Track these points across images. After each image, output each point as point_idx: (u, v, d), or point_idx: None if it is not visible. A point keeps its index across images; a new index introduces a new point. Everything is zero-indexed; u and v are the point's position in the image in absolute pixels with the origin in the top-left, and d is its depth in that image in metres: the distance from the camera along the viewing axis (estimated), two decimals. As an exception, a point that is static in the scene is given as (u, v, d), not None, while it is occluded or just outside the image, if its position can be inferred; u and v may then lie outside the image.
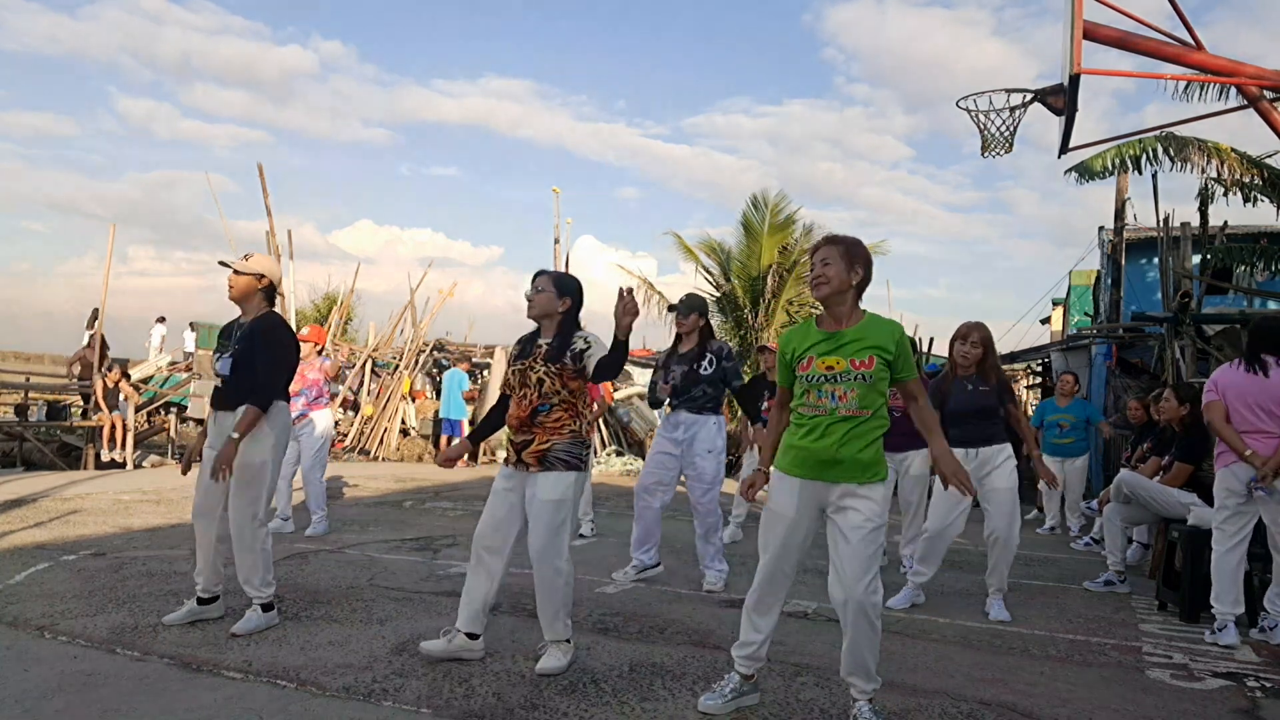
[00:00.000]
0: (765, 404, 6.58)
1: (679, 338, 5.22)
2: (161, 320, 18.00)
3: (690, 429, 5.07)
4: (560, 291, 3.54)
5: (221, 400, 3.90)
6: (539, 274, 3.63)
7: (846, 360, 2.89)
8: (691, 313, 5.15)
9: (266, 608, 3.86)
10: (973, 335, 4.71)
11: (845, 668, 2.98)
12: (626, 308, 3.22)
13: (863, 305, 3.06)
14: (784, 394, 3.13)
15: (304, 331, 6.58)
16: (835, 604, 2.95)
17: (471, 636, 3.49)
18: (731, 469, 11.61)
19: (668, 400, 5.15)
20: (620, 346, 3.33)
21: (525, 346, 3.59)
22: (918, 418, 3.10)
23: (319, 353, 6.60)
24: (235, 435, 3.72)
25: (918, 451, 5.51)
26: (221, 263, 3.95)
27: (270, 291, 3.98)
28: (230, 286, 3.91)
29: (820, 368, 2.92)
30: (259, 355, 3.83)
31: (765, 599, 3.07)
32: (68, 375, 11.78)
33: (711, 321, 5.21)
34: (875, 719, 2.93)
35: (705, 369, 5.05)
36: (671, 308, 5.30)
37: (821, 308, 3.09)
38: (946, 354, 5.01)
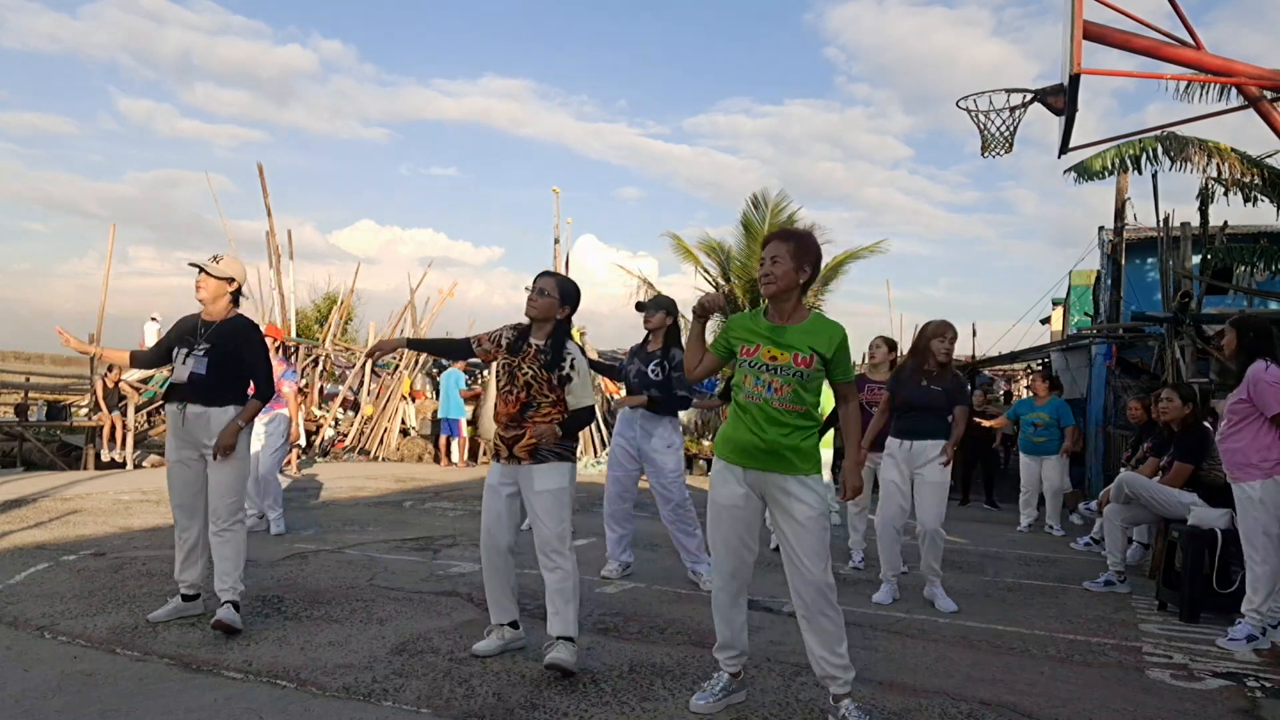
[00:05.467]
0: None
1: (647, 336, 5.27)
2: (155, 319, 18.00)
3: (646, 425, 5.13)
4: (563, 299, 3.61)
5: (197, 396, 3.89)
6: (545, 274, 3.68)
7: (790, 355, 2.96)
8: (659, 310, 5.19)
9: (235, 607, 3.83)
10: (950, 333, 4.87)
11: (820, 665, 2.98)
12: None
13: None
14: (710, 359, 3.13)
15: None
16: (794, 592, 2.99)
17: (513, 626, 3.63)
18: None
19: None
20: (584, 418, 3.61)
21: (515, 342, 3.62)
22: (844, 418, 3.17)
23: (278, 350, 6.69)
24: (240, 422, 3.89)
25: None
26: (192, 263, 4.02)
27: (237, 294, 4.10)
28: (200, 287, 3.99)
29: (765, 356, 2.99)
30: (253, 357, 4.00)
31: (732, 594, 3.09)
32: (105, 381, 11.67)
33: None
34: (861, 715, 2.93)
35: (655, 372, 5.08)
36: (639, 306, 5.29)
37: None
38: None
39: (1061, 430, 8.39)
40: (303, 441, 11.64)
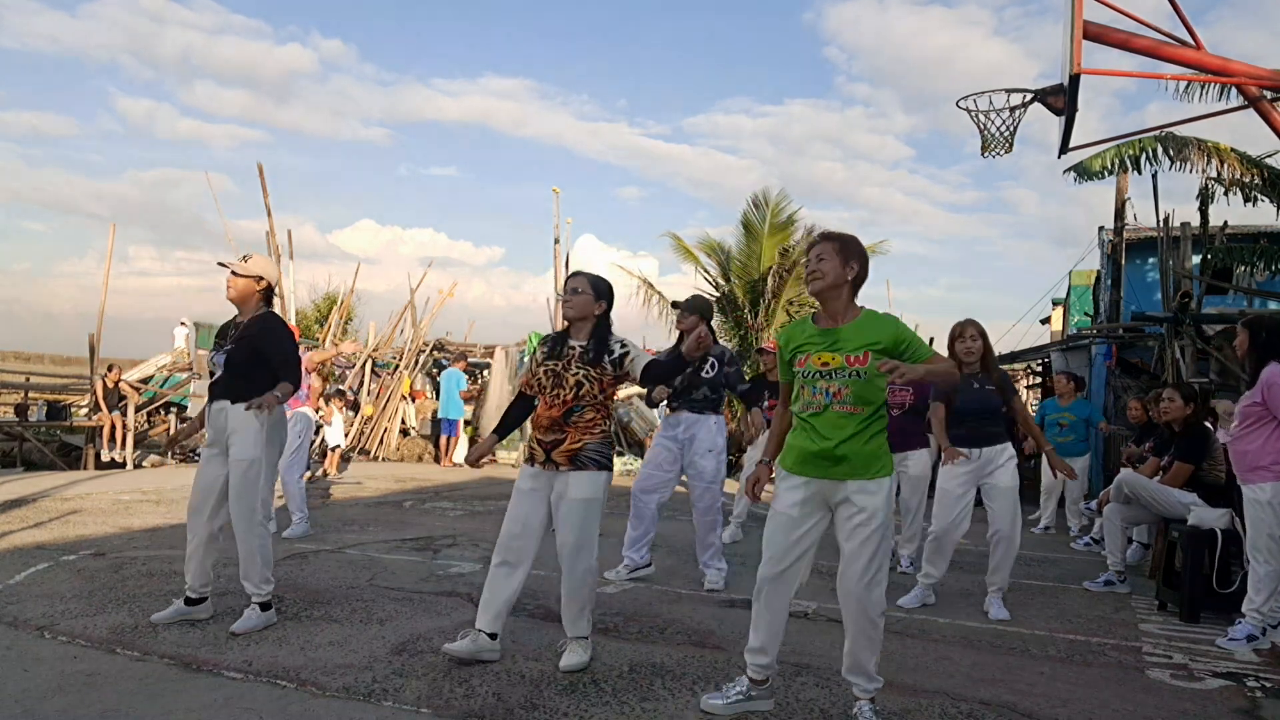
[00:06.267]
0: (767, 403, 6.60)
1: (681, 337, 5.23)
2: (184, 324, 17.98)
3: (690, 428, 5.10)
4: (597, 295, 3.59)
5: (218, 392, 3.94)
6: (576, 274, 3.67)
7: (842, 357, 2.90)
8: (694, 313, 5.15)
9: (265, 606, 3.87)
10: (969, 330, 4.75)
11: (846, 666, 2.99)
12: (699, 343, 3.27)
13: (860, 303, 3.06)
14: (786, 390, 3.14)
15: None
16: (840, 597, 2.96)
17: (491, 636, 3.49)
18: (732, 469, 11.63)
19: (666, 400, 5.18)
20: (678, 361, 3.55)
21: (555, 347, 3.59)
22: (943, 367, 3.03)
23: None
24: (278, 394, 3.81)
25: (916, 452, 5.49)
26: (221, 263, 3.99)
27: (269, 292, 4.07)
28: (229, 287, 3.98)
29: (816, 363, 2.93)
30: (272, 346, 3.92)
31: (771, 598, 3.04)
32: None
33: (712, 323, 5.22)
34: (876, 719, 2.93)
35: (707, 372, 5.10)
36: (674, 305, 5.28)
37: (818, 305, 3.10)
38: (946, 355, 5.02)
39: (1088, 430, 8.32)
40: (341, 441, 11.41)
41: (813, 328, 3.02)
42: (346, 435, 13.60)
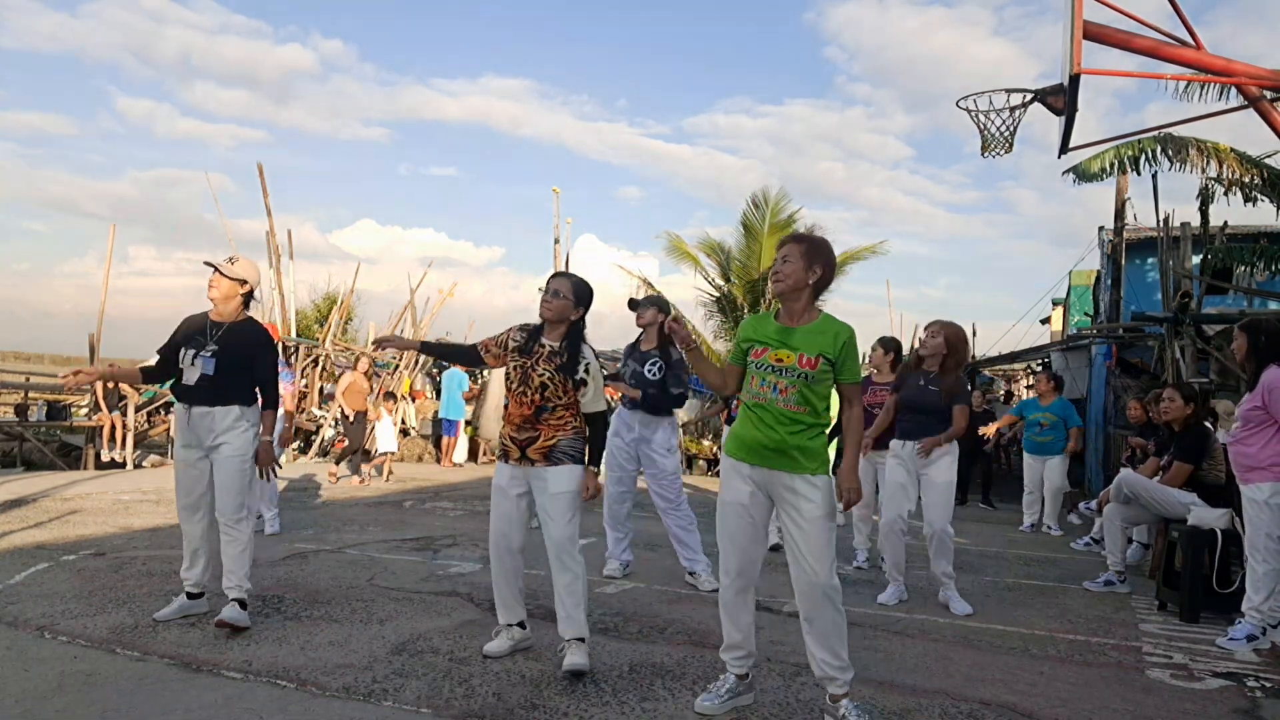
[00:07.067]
0: (735, 403, 6.67)
1: (641, 334, 5.26)
2: None
3: (643, 429, 5.12)
4: (577, 301, 3.61)
5: (202, 397, 3.90)
6: (558, 275, 3.69)
7: (795, 356, 2.97)
8: (650, 308, 5.17)
9: (243, 605, 3.85)
10: (932, 326, 4.88)
11: (820, 666, 2.98)
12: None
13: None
14: (731, 370, 3.19)
15: None
16: (798, 593, 2.99)
17: (521, 626, 3.63)
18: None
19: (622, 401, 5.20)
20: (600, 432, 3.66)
21: (527, 342, 3.60)
22: (846, 421, 3.12)
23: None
24: (269, 438, 3.99)
25: None
26: (207, 263, 4.01)
27: (249, 297, 4.08)
28: (213, 286, 3.99)
29: (771, 358, 3.01)
30: (266, 368, 4.03)
31: (738, 592, 3.09)
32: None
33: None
34: (860, 714, 2.93)
35: (650, 373, 5.05)
36: (631, 304, 5.25)
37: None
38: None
39: (1067, 430, 8.39)
40: (393, 446, 10.83)
41: (773, 324, 3.09)
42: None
